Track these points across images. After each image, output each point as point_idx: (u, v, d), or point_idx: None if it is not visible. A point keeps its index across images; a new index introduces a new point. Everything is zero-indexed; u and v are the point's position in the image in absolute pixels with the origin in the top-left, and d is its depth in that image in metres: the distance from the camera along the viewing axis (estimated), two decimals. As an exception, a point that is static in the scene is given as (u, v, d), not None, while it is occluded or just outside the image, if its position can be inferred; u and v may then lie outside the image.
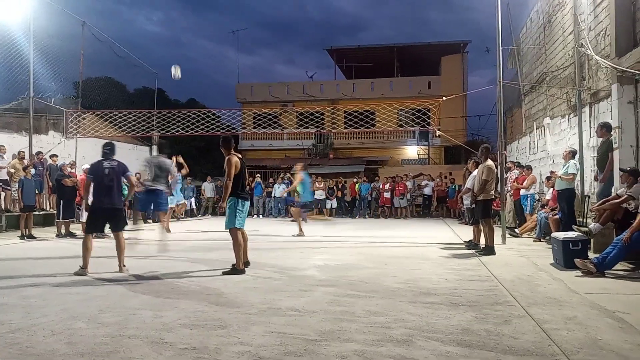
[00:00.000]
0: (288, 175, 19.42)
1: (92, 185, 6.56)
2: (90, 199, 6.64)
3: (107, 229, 6.94)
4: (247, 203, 6.61)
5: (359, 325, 3.85)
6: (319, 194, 20.08)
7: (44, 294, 5.07)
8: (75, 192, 11.87)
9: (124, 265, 6.46)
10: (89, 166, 12.32)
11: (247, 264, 6.54)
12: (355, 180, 21.21)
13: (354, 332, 3.69)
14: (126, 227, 6.92)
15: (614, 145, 8.18)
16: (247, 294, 5.08)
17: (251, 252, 7.05)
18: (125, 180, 6.67)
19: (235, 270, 6.21)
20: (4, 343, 3.46)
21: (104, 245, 9.92)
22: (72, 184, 11.20)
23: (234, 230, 6.27)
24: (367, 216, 20.00)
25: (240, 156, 6.45)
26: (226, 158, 6.26)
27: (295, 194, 12.59)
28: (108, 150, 6.67)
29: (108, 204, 6.43)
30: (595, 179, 9.08)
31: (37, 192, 13.00)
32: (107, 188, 6.41)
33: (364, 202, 20.25)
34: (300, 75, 75.77)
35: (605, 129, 8.47)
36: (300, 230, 11.45)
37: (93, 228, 6.69)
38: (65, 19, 16.46)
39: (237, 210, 6.29)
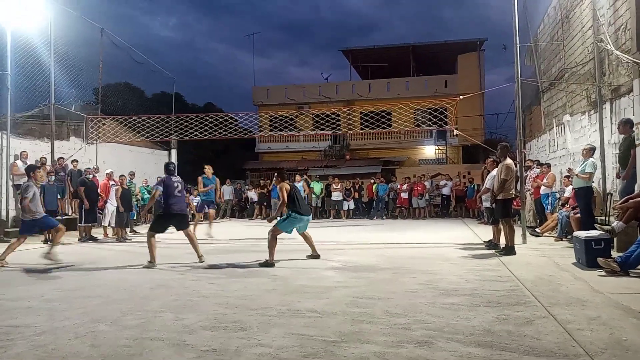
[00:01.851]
0: (305, 176, 19.43)
1: (161, 195, 7.88)
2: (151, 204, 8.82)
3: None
4: (305, 217, 7.75)
5: (378, 327, 3.84)
6: (336, 196, 20.08)
7: (66, 298, 5.17)
8: (97, 197, 12.08)
9: (202, 255, 7.77)
10: (112, 171, 12.69)
11: (316, 256, 7.89)
12: (372, 181, 21.13)
13: (373, 333, 3.68)
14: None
15: (637, 142, 8.01)
16: (267, 295, 5.11)
17: (267, 254, 7.21)
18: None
19: (267, 264, 7.22)
20: (30, 345, 3.53)
21: (124, 248, 10.07)
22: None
23: (278, 231, 7.52)
24: (384, 217, 19.92)
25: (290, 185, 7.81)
26: (278, 186, 7.71)
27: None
28: (172, 168, 8.23)
29: (178, 210, 7.85)
30: (618, 176, 8.91)
31: (59, 197, 13.25)
32: (178, 197, 7.87)
33: (382, 203, 20.16)
34: (315, 77, 75.99)
35: (628, 125, 8.29)
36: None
37: (158, 228, 7.92)
38: (84, 26, 16.74)
39: (291, 220, 7.61)
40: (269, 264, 7.19)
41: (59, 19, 14.88)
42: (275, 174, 8.28)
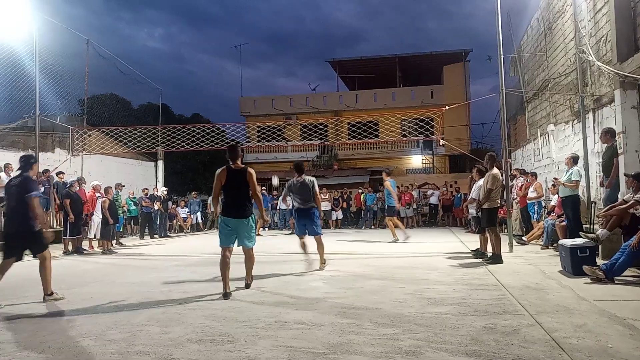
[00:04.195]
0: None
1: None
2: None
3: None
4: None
5: (367, 338, 3.83)
6: (325, 206, 20.08)
7: (51, 311, 5.08)
8: (82, 209, 11.93)
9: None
10: (99, 183, 12.51)
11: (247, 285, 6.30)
12: (360, 190, 21.20)
13: (362, 344, 3.67)
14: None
15: (619, 151, 8.16)
16: (254, 307, 5.08)
17: (257, 265, 7.04)
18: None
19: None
20: (13, 362, 3.46)
21: (110, 261, 9.95)
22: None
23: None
24: (373, 227, 19.95)
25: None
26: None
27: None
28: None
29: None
30: (601, 184, 9.04)
31: (44, 209, 13.07)
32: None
33: (370, 213, 20.21)
34: (302, 88, 76.28)
35: (609, 134, 8.45)
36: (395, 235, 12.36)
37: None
38: (69, 37, 16.69)
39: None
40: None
41: (44, 29, 14.78)
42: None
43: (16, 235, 5.79)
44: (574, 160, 9.05)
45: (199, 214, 21.10)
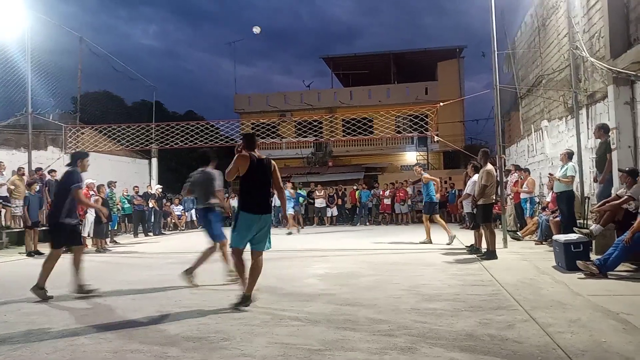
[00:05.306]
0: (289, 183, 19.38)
1: None
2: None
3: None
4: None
5: (362, 334, 3.84)
6: (320, 202, 20.07)
7: (46, 311, 5.06)
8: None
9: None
10: (93, 181, 12.42)
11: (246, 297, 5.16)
12: (355, 187, 21.21)
13: (357, 340, 3.68)
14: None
15: (612, 146, 8.19)
16: (250, 305, 5.06)
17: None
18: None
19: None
20: (7, 361, 3.44)
21: (104, 259, 9.92)
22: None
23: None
24: (367, 223, 19.97)
25: None
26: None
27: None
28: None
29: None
30: (595, 180, 9.08)
31: (39, 208, 13.00)
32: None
33: (365, 209, 20.23)
34: (297, 85, 75.99)
35: (602, 130, 8.49)
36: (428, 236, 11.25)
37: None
38: (62, 35, 16.59)
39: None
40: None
41: (37, 27, 14.67)
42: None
43: (54, 226, 6.05)
44: (569, 156, 9.09)
45: (193, 211, 21.01)
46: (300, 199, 19.31)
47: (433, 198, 11.39)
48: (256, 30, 11.13)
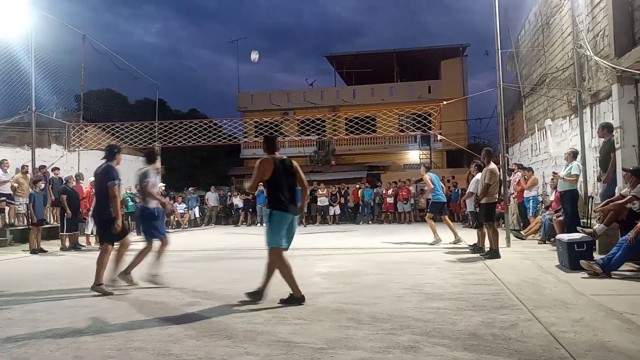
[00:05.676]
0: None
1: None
2: None
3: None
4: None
5: (365, 333, 3.84)
6: (322, 201, 20.08)
7: (50, 308, 5.07)
8: (79, 205, 11.91)
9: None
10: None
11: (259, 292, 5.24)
12: (357, 186, 21.21)
13: (360, 339, 3.68)
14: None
15: (616, 146, 8.17)
16: (252, 303, 5.07)
17: (254, 260, 7.06)
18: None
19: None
20: (11, 358, 3.45)
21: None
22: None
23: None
24: (370, 222, 19.97)
25: None
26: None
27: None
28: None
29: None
30: (599, 179, 9.06)
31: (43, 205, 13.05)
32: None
33: (367, 208, 20.22)
34: (300, 83, 76.06)
35: (606, 129, 8.46)
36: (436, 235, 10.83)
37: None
38: (65, 33, 16.58)
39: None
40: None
41: (40, 25, 14.69)
42: None
43: (93, 219, 6.30)
44: (573, 155, 9.07)
45: (196, 209, 21.06)
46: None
47: (441, 198, 11.21)
48: (254, 56, 11.09)
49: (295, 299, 5.01)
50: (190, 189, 22.23)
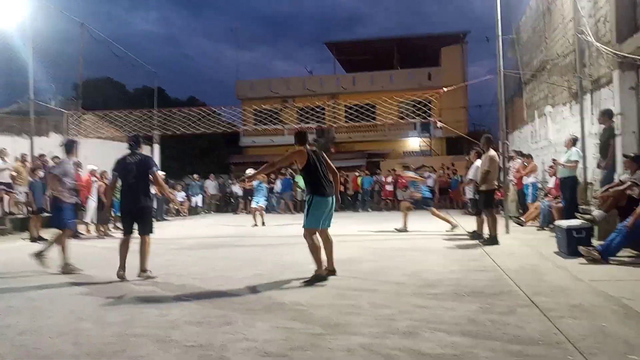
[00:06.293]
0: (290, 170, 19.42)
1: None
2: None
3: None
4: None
5: (364, 318, 3.86)
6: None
7: (50, 296, 5.09)
8: (78, 193, 11.89)
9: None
10: (96, 167, 12.44)
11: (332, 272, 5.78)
12: (357, 173, 21.20)
13: (359, 325, 3.70)
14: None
15: (616, 132, 8.14)
16: (252, 290, 5.09)
17: (254, 248, 7.07)
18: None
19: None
20: (12, 345, 3.47)
21: (107, 245, 9.96)
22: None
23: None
24: (370, 209, 19.99)
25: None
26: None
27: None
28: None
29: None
30: (598, 166, 9.05)
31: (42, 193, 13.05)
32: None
33: (367, 196, 20.23)
34: (299, 71, 75.73)
35: (607, 115, 8.43)
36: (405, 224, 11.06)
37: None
38: (63, 21, 16.45)
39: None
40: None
41: (38, 13, 14.56)
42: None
43: (131, 212, 6.10)
44: (573, 141, 9.06)
45: (200, 196, 21.02)
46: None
47: (424, 194, 11.49)
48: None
49: (319, 276, 5.46)
50: (194, 175, 22.16)
